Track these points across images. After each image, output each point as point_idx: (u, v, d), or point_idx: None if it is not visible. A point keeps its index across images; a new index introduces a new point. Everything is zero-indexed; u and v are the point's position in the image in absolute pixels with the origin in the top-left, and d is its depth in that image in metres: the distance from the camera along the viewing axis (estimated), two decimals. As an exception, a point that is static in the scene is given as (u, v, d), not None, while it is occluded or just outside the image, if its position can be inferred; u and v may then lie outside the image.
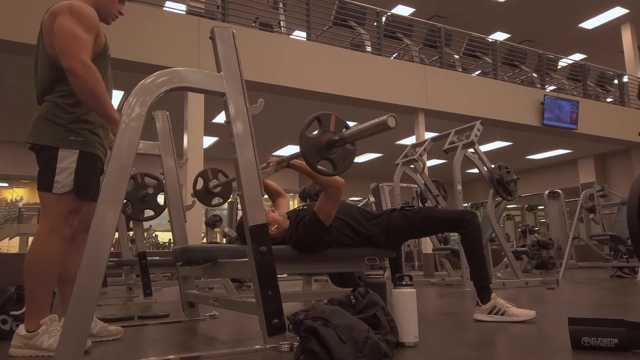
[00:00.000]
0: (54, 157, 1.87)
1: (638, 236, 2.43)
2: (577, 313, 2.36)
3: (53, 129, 1.88)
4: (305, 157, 1.81)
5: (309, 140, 1.82)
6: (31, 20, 5.27)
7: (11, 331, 2.20)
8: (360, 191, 12.26)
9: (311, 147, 1.81)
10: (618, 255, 6.14)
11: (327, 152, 1.84)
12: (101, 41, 1.97)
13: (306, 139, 1.81)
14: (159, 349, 1.98)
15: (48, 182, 1.86)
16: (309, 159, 1.81)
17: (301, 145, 1.80)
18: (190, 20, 6.34)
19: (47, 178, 1.87)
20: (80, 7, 1.87)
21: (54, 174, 1.86)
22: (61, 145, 1.88)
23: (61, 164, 1.87)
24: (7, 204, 15.59)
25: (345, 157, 1.89)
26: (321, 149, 1.82)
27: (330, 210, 2.17)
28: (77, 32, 1.82)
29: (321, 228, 2.17)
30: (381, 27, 8.05)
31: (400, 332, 1.72)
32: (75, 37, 1.81)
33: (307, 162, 1.83)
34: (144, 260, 4.08)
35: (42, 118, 1.90)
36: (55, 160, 1.87)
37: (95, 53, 1.92)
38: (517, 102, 9.04)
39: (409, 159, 5.47)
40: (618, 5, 10.90)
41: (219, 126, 8.43)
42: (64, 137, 1.88)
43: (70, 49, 1.78)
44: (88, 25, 1.86)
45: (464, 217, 2.35)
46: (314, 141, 1.82)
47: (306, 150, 1.80)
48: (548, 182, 12.99)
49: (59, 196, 1.87)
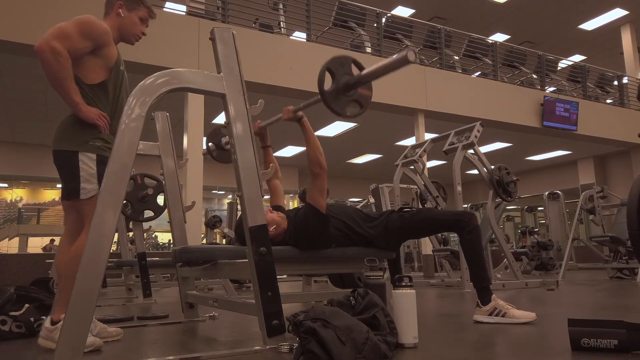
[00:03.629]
0: (75, 164, 1.95)
1: (638, 237, 2.42)
2: (576, 314, 2.36)
3: (72, 135, 1.97)
4: (326, 101, 1.79)
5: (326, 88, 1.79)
6: (31, 20, 5.27)
7: (11, 332, 2.21)
8: (359, 192, 12.28)
9: (329, 92, 1.79)
10: (618, 256, 6.13)
11: (345, 95, 1.82)
12: (112, 56, 2.04)
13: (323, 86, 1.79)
14: (159, 349, 1.98)
15: (75, 190, 1.95)
16: (331, 103, 1.79)
17: (321, 92, 1.78)
18: (191, 21, 6.35)
19: (74, 186, 1.96)
20: (86, 17, 1.96)
21: (79, 182, 1.95)
22: (80, 149, 1.95)
23: (83, 171, 1.95)
24: (7, 205, 15.58)
25: (364, 97, 1.88)
26: (339, 92, 1.81)
27: (320, 191, 2.20)
28: (65, 27, 1.89)
29: (317, 216, 2.19)
30: (381, 28, 8.05)
31: (399, 333, 1.72)
32: (58, 28, 1.88)
33: (329, 107, 1.80)
34: (143, 261, 4.08)
35: (63, 126, 2.00)
36: (77, 169, 1.95)
37: (108, 67, 2.02)
38: (517, 103, 9.04)
39: (409, 160, 5.47)
40: (618, 7, 10.90)
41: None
42: (82, 142, 1.96)
43: (46, 34, 1.84)
44: (85, 29, 1.93)
45: (462, 218, 2.35)
46: (330, 87, 1.80)
47: (328, 95, 1.78)
48: (548, 183, 12.99)
49: (87, 201, 1.95)
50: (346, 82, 1.81)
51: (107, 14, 2.12)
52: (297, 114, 2.21)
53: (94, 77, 2.00)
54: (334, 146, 10.63)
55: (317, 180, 2.21)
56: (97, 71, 2.01)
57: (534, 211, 13.13)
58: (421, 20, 9.31)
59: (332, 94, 1.80)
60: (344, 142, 10.44)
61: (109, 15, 2.11)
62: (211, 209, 10.78)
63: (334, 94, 1.80)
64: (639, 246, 2.42)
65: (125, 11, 2.11)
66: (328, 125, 9.26)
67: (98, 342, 1.89)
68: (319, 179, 2.21)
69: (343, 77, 1.82)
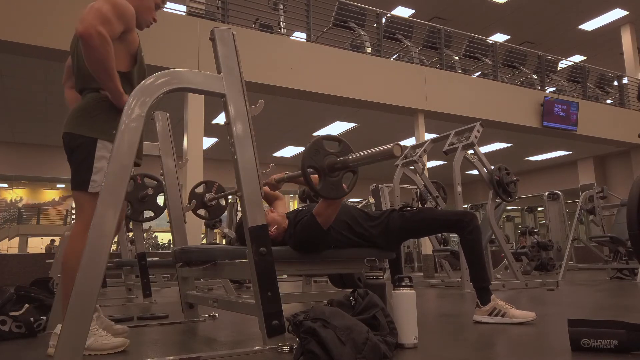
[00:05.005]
0: (91, 152, 1.85)
1: (638, 238, 2.42)
2: (576, 314, 2.36)
3: (92, 120, 1.87)
4: (307, 181, 1.84)
5: (311, 161, 1.83)
6: (31, 20, 5.27)
7: (11, 332, 2.21)
8: (359, 192, 12.25)
9: (321, 189, 1.84)
10: (618, 256, 6.13)
11: (329, 176, 1.84)
12: (134, 41, 1.97)
13: (308, 159, 1.83)
14: (159, 350, 1.98)
15: (84, 182, 1.85)
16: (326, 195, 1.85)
17: (315, 192, 1.83)
18: (191, 21, 6.35)
19: (84, 177, 1.86)
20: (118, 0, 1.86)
21: (91, 173, 1.85)
22: (100, 137, 1.86)
23: (98, 162, 1.85)
24: (7, 205, 15.59)
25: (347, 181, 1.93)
26: (324, 172, 1.83)
27: (329, 216, 2.14)
28: (104, 9, 1.78)
29: (318, 231, 2.15)
30: (381, 28, 8.05)
31: (399, 334, 1.72)
32: (99, 10, 1.76)
33: (309, 187, 1.84)
34: (143, 261, 4.08)
35: (82, 110, 1.90)
36: (92, 158, 1.85)
37: (131, 54, 1.95)
38: (517, 103, 9.04)
39: (409, 160, 5.47)
40: (618, 7, 10.91)
41: (219, 127, 8.43)
42: (104, 130, 1.87)
43: (89, 17, 1.72)
44: (120, 13, 1.84)
45: (462, 219, 2.35)
46: (320, 183, 1.84)
47: (306, 174, 1.82)
48: (548, 183, 12.99)
49: (92, 196, 1.83)
50: (331, 164, 1.84)
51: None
52: (280, 183, 2.26)
53: (119, 64, 1.90)
54: (333, 146, 10.62)
55: (335, 204, 2.13)
56: (122, 58, 1.93)
57: (534, 211, 13.14)
58: (421, 20, 9.32)
59: (324, 188, 1.84)
60: (344, 142, 10.43)
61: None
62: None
63: (326, 185, 1.83)
64: (639, 246, 2.42)
65: None
66: (328, 125, 9.26)
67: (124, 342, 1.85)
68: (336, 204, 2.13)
69: (326, 158, 1.84)
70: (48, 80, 7.01)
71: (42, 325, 2.32)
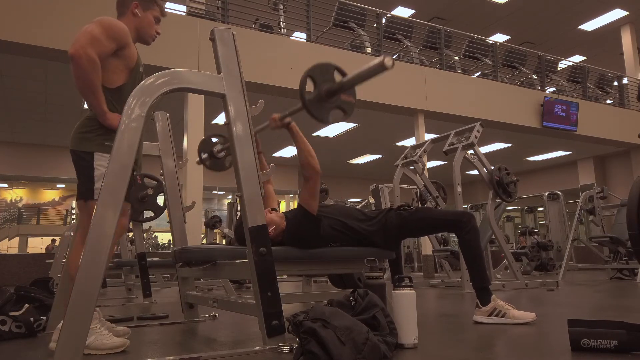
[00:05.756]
0: (90, 164, 1.97)
1: (638, 238, 2.43)
2: (576, 315, 2.36)
3: (89, 136, 1.99)
4: (308, 109, 1.77)
5: (308, 94, 1.79)
6: (31, 21, 5.27)
7: (11, 332, 2.21)
8: (359, 192, 12.27)
9: (310, 100, 1.78)
10: (618, 257, 6.14)
11: (328, 102, 1.82)
12: (132, 56, 2.05)
13: (306, 93, 1.78)
14: (158, 350, 1.98)
15: (89, 190, 1.97)
16: (313, 111, 1.78)
17: (302, 100, 1.76)
18: (191, 21, 6.35)
19: (88, 187, 1.98)
20: (108, 19, 1.96)
21: (93, 182, 1.97)
22: (96, 150, 1.98)
23: (97, 172, 1.96)
24: (7, 205, 15.59)
25: (348, 103, 1.88)
26: (321, 99, 1.80)
27: (311, 194, 2.20)
28: (94, 32, 1.89)
29: (308, 218, 2.19)
30: (381, 28, 8.05)
31: (399, 334, 1.72)
32: (90, 33, 1.87)
33: (311, 114, 1.80)
34: (143, 261, 4.08)
35: (79, 128, 2.02)
36: (92, 169, 1.97)
37: (129, 68, 2.04)
38: (517, 103, 9.04)
39: (409, 160, 5.47)
40: (618, 7, 10.91)
41: (219, 127, 8.43)
42: (99, 143, 1.98)
43: (80, 40, 1.84)
44: (110, 33, 1.94)
45: (460, 219, 2.35)
46: (312, 94, 1.80)
47: (309, 102, 1.77)
48: (548, 183, 13.00)
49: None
50: (328, 88, 1.81)
51: (123, 14, 2.11)
52: (284, 121, 2.22)
53: (116, 79, 2.01)
54: (333, 146, 10.63)
55: (309, 183, 2.22)
56: (119, 73, 2.02)
57: (533, 212, 13.13)
58: (421, 20, 9.31)
59: (313, 102, 1.79)
60: (343, 142, 10.44)
61: (124, 15, 2.10)
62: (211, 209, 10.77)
63: (315, 101, 1.80)
64: (639, 247, 2.42)
65: (141, 11, 2.11)
66: (328, 125, 9.26)
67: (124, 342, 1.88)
68: (311, 181, 2.21)
69: (325, 84, 1.82)
70: (48, 80, 7.01)
71: (42, 325, 2.32)
